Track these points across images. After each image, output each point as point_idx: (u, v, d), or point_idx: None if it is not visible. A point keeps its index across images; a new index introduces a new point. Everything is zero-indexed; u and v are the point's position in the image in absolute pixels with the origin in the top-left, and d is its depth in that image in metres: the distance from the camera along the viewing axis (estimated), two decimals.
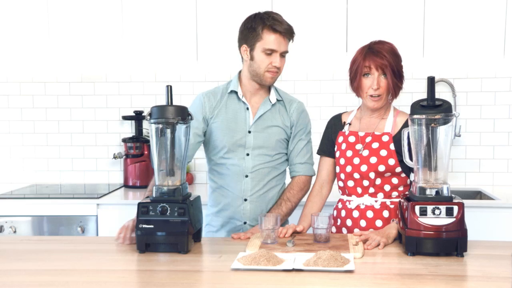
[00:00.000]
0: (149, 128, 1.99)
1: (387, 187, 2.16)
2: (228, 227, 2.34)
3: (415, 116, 1.91)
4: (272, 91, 2.34)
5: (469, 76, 3.47)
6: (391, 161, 2.13)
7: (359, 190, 2.19)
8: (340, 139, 2.25)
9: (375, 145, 2.17)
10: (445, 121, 1.89)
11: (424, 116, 1.89)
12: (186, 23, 3.24)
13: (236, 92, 2.31)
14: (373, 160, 2.15)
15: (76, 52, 3.30)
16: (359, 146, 2.19)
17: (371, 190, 2.17)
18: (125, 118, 3.58)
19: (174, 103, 2.00)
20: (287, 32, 2.19)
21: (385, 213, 2.15)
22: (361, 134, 2.21)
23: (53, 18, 3.29)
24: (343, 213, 2.23)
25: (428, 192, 1.88)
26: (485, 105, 3.47)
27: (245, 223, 2.31)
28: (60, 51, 3.30)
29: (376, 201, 2.16)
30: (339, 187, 2.29)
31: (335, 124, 2.31)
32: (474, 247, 1.91)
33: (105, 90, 3.67)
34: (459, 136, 3.43)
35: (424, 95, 1.98)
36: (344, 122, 2.28)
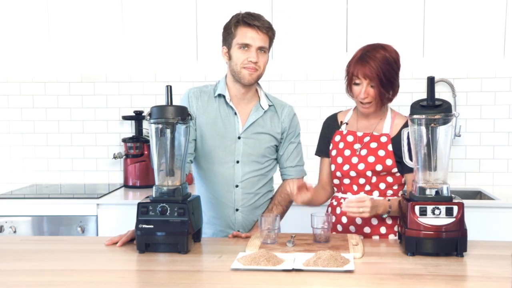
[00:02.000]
0: (149, 128, 1.99)
1: (382, 185, 2.17)
2: (220, 235, 2.30)
3: (415, 116, 1.91)
4: (263, 96, 2.28)
5: (469, 76, 3.47)
6: (388, 162, 2.14)
7: (355, 187, 2.19)
8: (337, 138, 2.25)
9: (373, 145, 2.17)
10: (445, 121, 1.89)
11: (424, 116, 1.89)
12: (186, 23, 3.24)
13: (223, 96, 2.25)
14: (371, 159, 2.15)
15: (76, 52, 3.30)
16: (357, 146, 2.20)
17: (367, 187, 2.18)
18: (125, 118, 3.58)
19: (174, 103, 2.00)
20: (261, 27, 2.12)
21: None
22: (359, 134, 2.22)
23: (53, 18, 3.29)
24: (338, 210, 2.23)
25: (428, 192, 1.88)
26: (485, 105, 3.47)
27: (238, 231, 2.26)
28: (60, 51, 3.30)
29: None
30: (334, 185, 2.29)
31: (331, 124, 2.31)
32: (474, 247, 1.91)
33: (105, 90, 3.67)
34: (459, 136, 3.43)
35: (424, 95, 1.98)
36: (341, 122, 2.28)
